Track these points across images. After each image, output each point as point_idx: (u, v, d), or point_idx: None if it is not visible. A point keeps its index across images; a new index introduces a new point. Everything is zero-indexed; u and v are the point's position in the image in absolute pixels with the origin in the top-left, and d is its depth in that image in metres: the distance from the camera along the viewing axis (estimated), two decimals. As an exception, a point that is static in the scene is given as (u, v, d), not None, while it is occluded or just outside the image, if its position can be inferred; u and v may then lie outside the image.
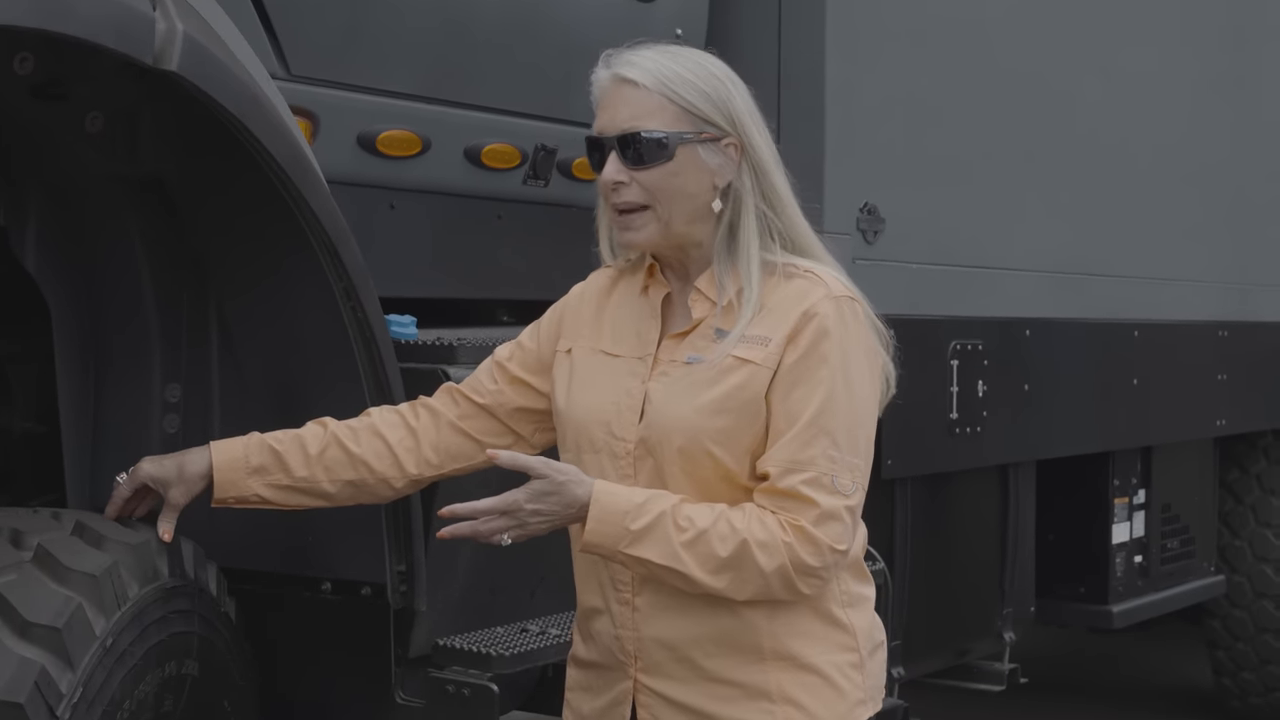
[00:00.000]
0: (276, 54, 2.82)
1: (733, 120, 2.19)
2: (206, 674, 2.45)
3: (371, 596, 2.74)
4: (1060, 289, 4.71)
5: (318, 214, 2.51)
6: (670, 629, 2.19)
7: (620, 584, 2.22)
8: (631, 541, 2.12)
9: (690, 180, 2.18)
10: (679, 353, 2.22)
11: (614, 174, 2.19)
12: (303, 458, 2.37)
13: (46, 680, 2.09)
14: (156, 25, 2.22)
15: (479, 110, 3.21)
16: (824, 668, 2.19)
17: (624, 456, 2.20)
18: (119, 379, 2.74)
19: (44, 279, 2.64)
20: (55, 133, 2.46)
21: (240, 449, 2.39)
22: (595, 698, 2.28)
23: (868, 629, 2.27)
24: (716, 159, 2.19)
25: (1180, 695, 6.71)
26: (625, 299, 2.31)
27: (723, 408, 2.15)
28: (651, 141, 2.16)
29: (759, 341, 2.16)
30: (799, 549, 2.12)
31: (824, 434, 2.13)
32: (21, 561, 2.19)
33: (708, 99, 2.18)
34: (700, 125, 2.18)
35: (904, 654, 4.06)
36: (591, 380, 2.26)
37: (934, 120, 4.21)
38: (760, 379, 2.16)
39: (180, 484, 2.39)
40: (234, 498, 2.39)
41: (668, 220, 2.20)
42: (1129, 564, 5.13)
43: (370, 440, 2.38)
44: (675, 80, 2.18)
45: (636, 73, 2.19)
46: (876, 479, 4.01)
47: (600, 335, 2.30)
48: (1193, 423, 5.42)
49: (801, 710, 2.17)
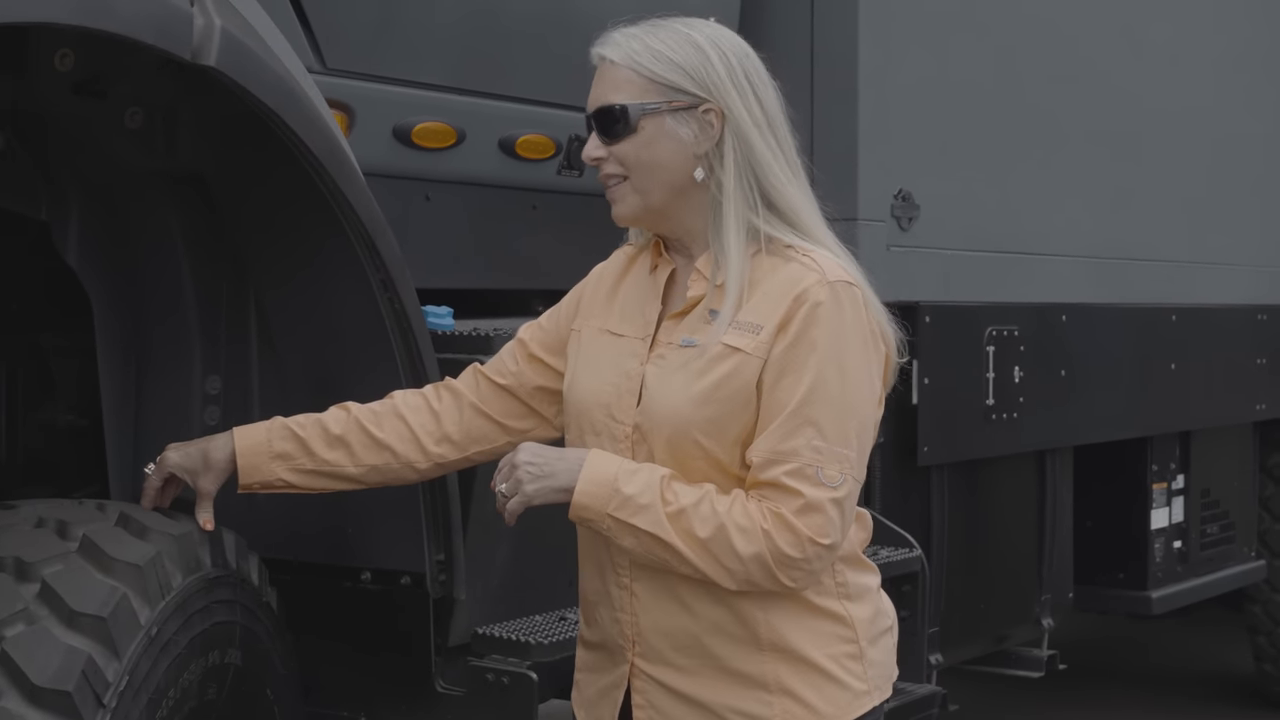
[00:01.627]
0: (312, 48, 2.84)
1: (708, 86, 2.17)
2: (249, 663, 2.47)
3: (411, 586, 2.76)
4: (1097, 274, 4.69)
5: (354, 206, 2.53)
6: (667, 616, 2.19)
7: (620, 568, 2.22)
8: (620, 504, 2.10)
9: (662, 150, 2.18)
10: (676, 334, 2.21)
11: (591, 149, 2.22)
12: (325, 441, 2.37)
13: (94, 669, 2.12)
14: (195, 21, 2.24)
15: (513, 101, 3.22)
16: (820, 660, 2.17)
17: (623, 440, 2.20)
18: (160, 372, 2.77)
19: (85, 274, 2.67)
20: (95, 129, 2.49)
21: (263, 434, 2.40)
22: (597, 679, 2.29)
23: (869, 618, 2.23)
24: (690, 127, 2.17)
25: (1220, 681, 6.68)
26: (637, 278, 2.31)
27: (711, 397, 2.14)
28: (618, 114, 2.18)
29: (750, 329, 2.14)
30: (777, 538, 2.08)
31: (809, 424, 2.09)
32: (68, 552, 2.22)
33: (677, 67, 2.17)
34: (669, 94, 2.17)
35: (942, 641, 4.06)
36: (595, 361, 2.26)
37: (968, 105, 4.20)
38: (750, 368, 2.13)
39: (207, 472, 2.41)
40: (259, 483, 2.40)
41: (645, 192, 2.19)
42: (1168, 550, 5.11)
43: (393, 423, 2.39)
44: (643, 53, 2.19)
45: (609, 49, 2.22)
46: (912, 466, 4.01)
47: (609, 315, 2.30)
48: (1231, 407, 5.39)
49: (799, 702, 2.16)
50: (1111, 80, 4.74)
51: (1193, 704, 6.38)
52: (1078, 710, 6.19)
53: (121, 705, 2.15)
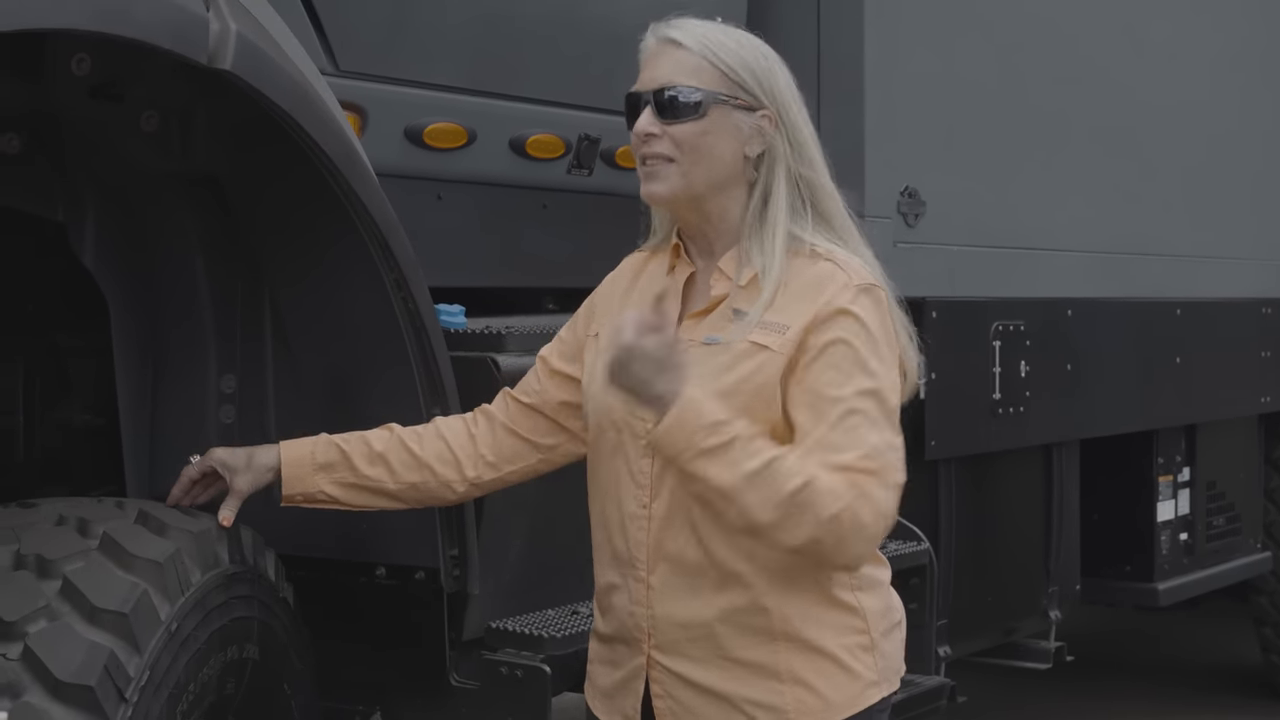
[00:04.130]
0: (325, 51, 2.87)
1: (772, 94, 2.23)
2: (267, 657, 2.50)
3: (425, 581, 2.79)
4: (1101, 268, 4.71)
5: (368, 206, 2.55)
6: (683, 608, 2.22)
7: (637, 561, 2.25)
8: (696, 455, 2.09)
9: (719, 141, 2.21)
10: (698, 333, 2.24)
11: (646, 125, 2.23)
12: (368, 456, 2.42)
13: (115, 664, 2.14)
14: (210, 26, 2.27)
15: (523, 102, 3.25)
16: (833, 650, 2.20)
17: (644, 435, 2.22)
18: (176, 372, 2.79)
19: (102, 275, 2.70)
20: (112, 132, 2.51)
21: (308, 446, 2.45)
22: (613, 671, 2.31)
23: (881, 610, 2.27)
24: (749, 126, 2.22)
25: (1227, 672, 6.69)
26: (652, 280, 2.34)
27: (737, 391, 2.17)
28: (687, 96, 2.20)
29: (777, 329, 2.18)
30: (860, 504, 2.10)
31: (864, 416, 2.14)
32: (89, 549, 2.24)
33: (749, 68, 2.23)
34: (737, 91, 2.22)
35: (950, 633, 4.08)
36: None
37: (974, 102, 4.22)
38: (774, 365, 2.17)
39: (248, 472, 2.45)
40: (301, 494, 2.44)
41: (690, 177, 2.22)
42: (1174, 542, 5.13)
43: (433, 443, 2.44)
44: (718, 45, 2.23)
45: (681, 34, 2.25)
46: (920, 460, 4.03)
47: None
48: (1237, 400, 5.41)
49: (811, 691, 2.19)
50: (1114, 77, 4.76)
51: (1200, 695, 6.40)
52: (1086, 701, 6.21)
53: (143, 700, 2.17)
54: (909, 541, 3.72)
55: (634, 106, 2.26)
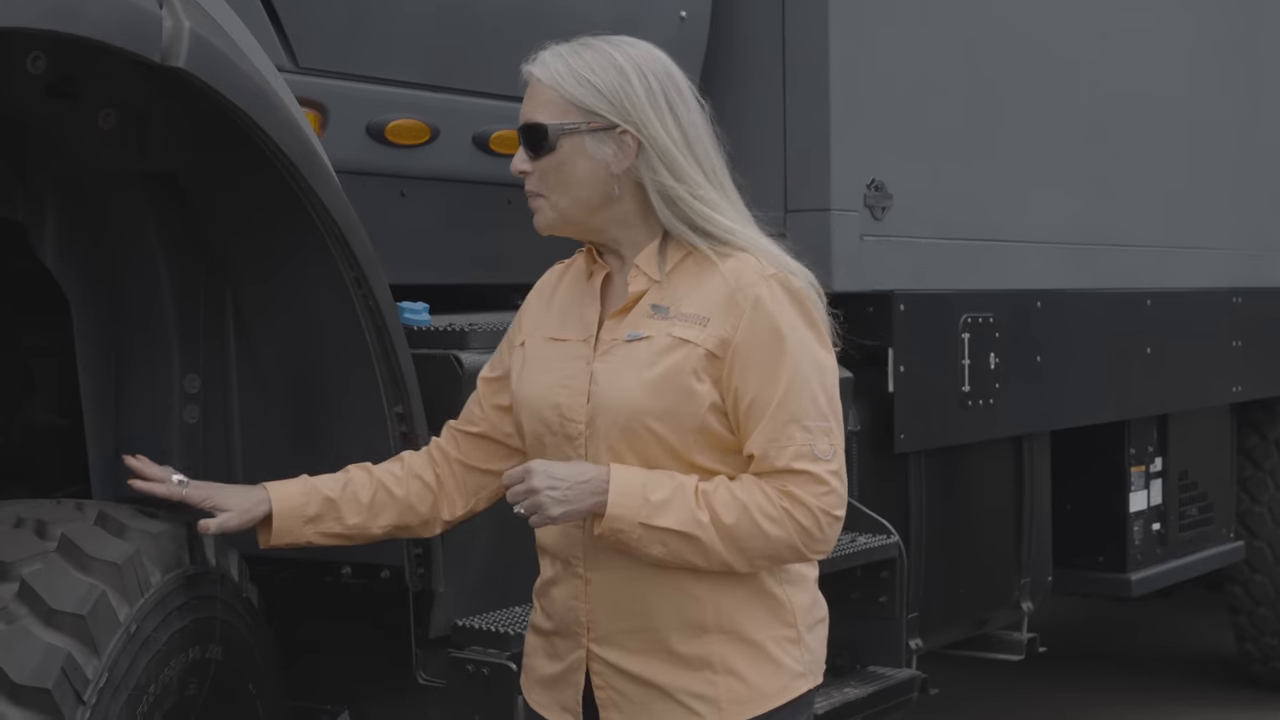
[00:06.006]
0: (284, 47, 2.86)
1: (625, 111, 2.26)
2: (230, 658, 2.50)
3: (390, 579, 2.79)
4: (1071, 259, 4.72)
5: (327, 205, 2.55)
6: (621, 603, 2.26)
7: (574, 558, 2.29)
8: (651, 511, 2.18)
9: (578, 168, 2.26)
10: (619, 331, 2.28)
11: (518, 163, 2.31)
12: (355, 506, 2.42)
13: (73, 666, 2.14)
14: (164, 23, 2.26)
15: (486, 97, 3.24)
16: (763, 642, 2.27)
17: (577, 437, 2.26)
18: (139, 371, 2.79)
19: (63, 274, 2.69)
20: (69, 130, 2.50)
21: (299, 499, 2.41)
22: (552, 663, 2.35)
23: (807, 606, 2.34)
24: (608, 148, 2.26)
25: (1203, 661, 6.72)
26: (572, 287, 2.38)
27: (663, 387, 2.21)
28: (539, 132, 2.26)
29: (696, 321, 2.23)
30: (799, 517, 2.20)
31: (795, 413, 2.20)
32: (46, 551, 2.24)
33: (595, 91, 2.26)
34: (588, 116, 2.26)
35: (921, 626, 4.09)
36: (541, 366, 2.33)
37: (939, 94, 4.23)
38: (696, 357, 2.22)
39: (241, 516, 2.38)
40: (286, 543, 2.43)
41: (559, 207, 2.28)
42: (1147, 532, 5.15)
43: (412, 483, 2.45)
44: (565, 75, 2.27)
45: (538, 68, 2.30)
46: (889, 453, 4.04)
47: (549, 323, 2.37)
48: (1208, 390, 5.42)
49: (741, 681, 2.25)
50: (1083, 66, 4.76)
51: (1175, 685, 6.43)
52: (1059, 692, 6.23)
53: (101, 702, 2.17)
54: (879, 535, 3.72)
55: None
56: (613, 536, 2.21)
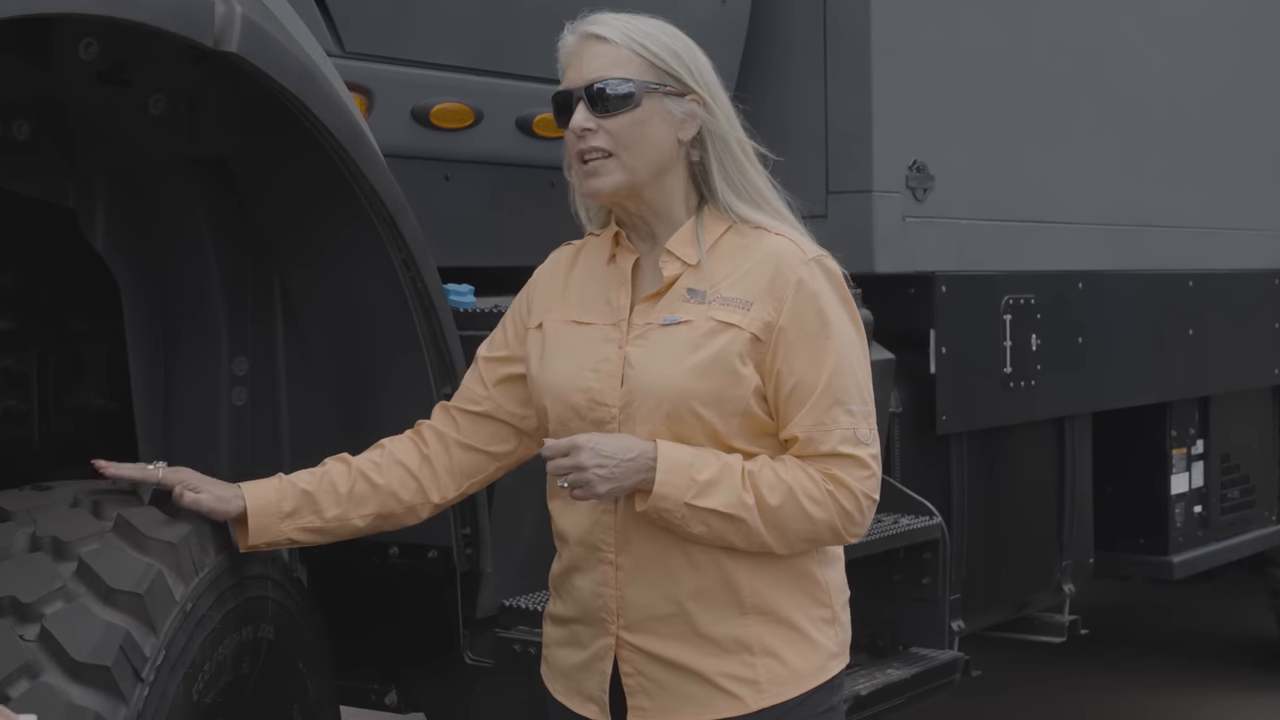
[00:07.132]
0: (331, 32, 2.87)
1: (698, 78, 2.27)
2: (282, 637, 2.52)
3: (438, 560, 2.80)
4: (1113, 241, 4.70)
5: (375, 187, 2.56)
6: (652, 587, 2.24)
7: (603, 543, 2.27)
8: (698, 491, 2.17)
9: (655, 129, 2.25)
10: (654, 315, 2.26)
11: (581, 120, 2.25)
12: (333, 497, 2.36)
13: (131, 644, 2.16)
14: (216, 9, 2.28)
15: (529, 80, 3.25)
16: (801, 622, 2.26)
17: (609, 422, 2.24)
18: (188, 355, 2.81)
19: (113, 259, 2.71)
20: (120, 116, 2.52)
21: (273, 495, 2.35)
22: (576, 652, 2.32)
23: (840, 585, 2.34)
24: (681, 112, 2.26)
25: (1243, 644, 6.70)
26: (590, 270, 2.36)
27: (708, 370, 2.21)
28: (618, 88, 2.23)
29: (739, 305, 2.23)
30: (842, 500, 2.21)
31: (840, 396, 2.22)
32: (103, 531, 2.26)
33: (675, 55, 2.27)
34: (665, 78, 2.26)
35: (964, 607, 4.09)
36: (567, 350, 2.30)
37: (981, 75, 4.21)
38: (741, 341, 2.21)
39: (215, 501, 2.34)
40: (266, 543, 2.37)
41: (633, 168, 2.25)
42: (1188, 514, 5.12)
43: (393, 470, 2.39)
44: (643, 35, 2.27)
45: (604, 29, 2.28)
46: (931, 434, 4.04)
47: (569, 307, 2.34)
48: (1250, 372, 5.39)
49: (780, 662, 2.24)
50: (1125, 47, 4.74)
51: (1215, 668, 6.41)
52: (1100, 675, 6.22)
53: (159, 679, 2.19)
54: (921, 516, 3.73)
55: (564, 105, 2.29)
56: (656, 515, 2.20)
